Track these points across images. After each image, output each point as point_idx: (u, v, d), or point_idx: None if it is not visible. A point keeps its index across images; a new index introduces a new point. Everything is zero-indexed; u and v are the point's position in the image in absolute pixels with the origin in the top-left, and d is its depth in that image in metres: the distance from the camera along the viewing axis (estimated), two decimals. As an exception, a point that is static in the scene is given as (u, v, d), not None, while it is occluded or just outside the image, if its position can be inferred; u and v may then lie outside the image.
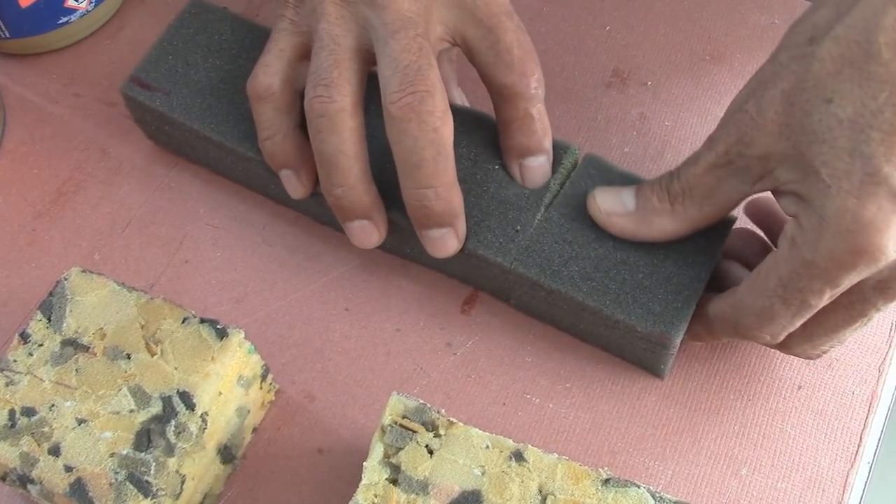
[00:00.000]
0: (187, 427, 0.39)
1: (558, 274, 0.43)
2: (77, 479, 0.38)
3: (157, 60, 0.49)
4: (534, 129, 0.43)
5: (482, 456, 0.37)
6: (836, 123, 0.34)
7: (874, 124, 0.33)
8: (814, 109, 0.35)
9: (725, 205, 0.40)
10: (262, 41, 0.49)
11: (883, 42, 0.33)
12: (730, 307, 0.40)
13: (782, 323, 0.38)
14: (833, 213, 0.34)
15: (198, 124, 0.47)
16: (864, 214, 0.34)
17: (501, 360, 0.46)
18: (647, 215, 0.41)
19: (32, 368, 0.40)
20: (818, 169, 0.35)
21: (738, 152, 0.38)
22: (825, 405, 0.44)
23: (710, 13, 0.54)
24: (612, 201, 0.42)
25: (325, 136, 0.41)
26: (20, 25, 0.53)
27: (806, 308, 0.37)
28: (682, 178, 0.40)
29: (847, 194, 0.34)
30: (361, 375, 0.46)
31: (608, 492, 0.37)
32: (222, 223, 0.50)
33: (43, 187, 0.52)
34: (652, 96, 0.52)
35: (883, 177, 0.33)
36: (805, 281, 0.36)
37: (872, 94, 0.33)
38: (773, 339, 0.39)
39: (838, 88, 0.34)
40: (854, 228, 0.34)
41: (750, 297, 0.38)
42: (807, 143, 0.35)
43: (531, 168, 0.44)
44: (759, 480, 0.43)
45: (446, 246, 0.43)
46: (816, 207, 0.35)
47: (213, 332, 0.40)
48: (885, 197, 0.33)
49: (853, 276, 0.35)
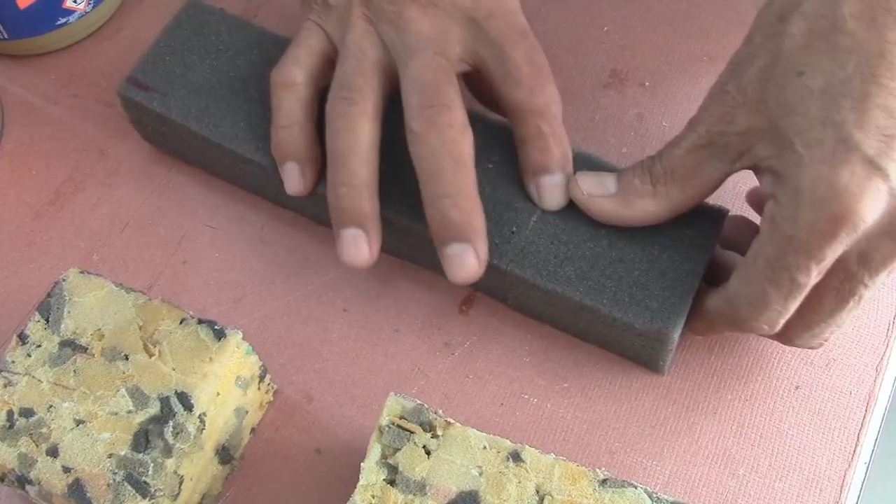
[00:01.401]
0: (185, 428, 0.39)
1: (554, 274, 0.43)
2: (75, 479, 0.38)
3: (155, 61, 0.49)
4: (547, 146, 0.43)
5: (480, 456, 0.37)
6: (808, 94, 0.35)
7: (844, 93, 0.34)
8: (787, 83, 0.36)
9: (707, 185, 0.40)
10: (260, 42, 0.49)
11: (847, 13, 0.34)
12: (724, 301, 0.40)
13: (777, 308, 0.38)
14: (808, 183, 0.35)
15: (195, 125, 0.47)
16: (838, 181, 0.34)
17: (499, 361, 0.46)
18: (628, 197, 0.42)
19: (31, 369, 0.40)
20: (792, 140, 0.35)
21: (719, 131, 0.38)
22: (822, 405, 0.44)
23: (708, 14, 0.55)
24: (594, 183, 0.43)
25: (341, 134, 0.42)
26: (19, 26, 0.53)
27: (796, 288, 0.37)
28: (664, 160, 0.41)
29: (820, 162, 0.34)
30: (359, 376, 0.46)
31: (605, 492, 0.37)
32: (220, 224, 0.50)
33: (41, 188, 0.52)
34: (650, 97, 0.52)
35: (854, 143, 0.34)
36: (791, 258, 0.36)
37: (841, 64, 0.34)
38: (770, 327, 0.39)
39: (809, 61, 0.35)
40: (829, 195, 0.34)
41: (741, 286, 0.39)
42: (781, 116, 0.36)
43: (547, 187, 0.43)
44: (757, 480, 0.43)
45: (465, 266, 0.41)
46: (792, 181, 0.36)
47: (211, 332, 0.40)
48: (858, 163, 0.34)
49: (835, 245, 0.35)
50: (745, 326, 0.40)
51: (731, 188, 0.49)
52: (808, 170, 0.35)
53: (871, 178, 0.34)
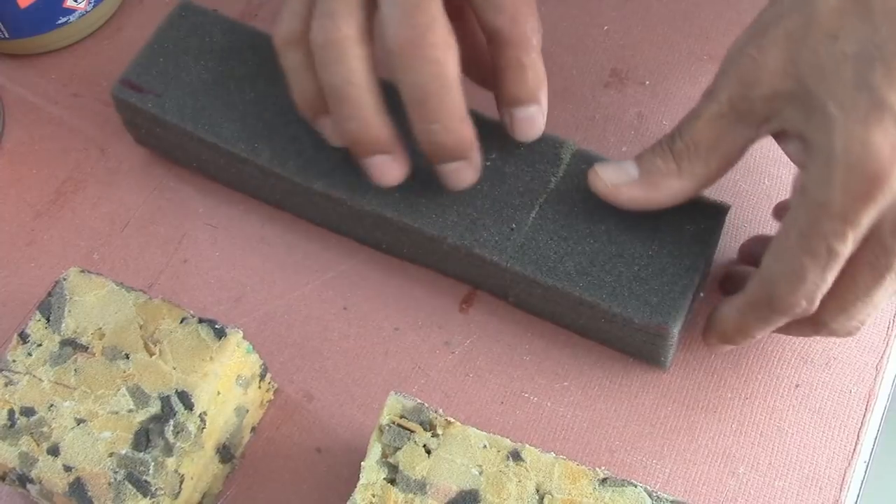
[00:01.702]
0: (186, 427, 0.39)
1: (555, 270, 0.43)
2: (76, 478, 0.38)
3: (148, 63, 0.48)
4: (524, 78, 0.42)
5: (480, 455, 0.38)
6: (843, 58, 0.35)
7: (878, 57, 0.34)
8: (820, 46, 0.35)
9: (731, 154, 0.40)
10: (254, 43, 0.48)
11: None
12: (758, 284, 0.39)
13: (814, 280, 0.37)
14: (841, 146, 0.34)
15: (191, 126, 0.47)
16: (872, 141, 0.34)
17: (499, 359, 0.46)
18: (653, 179, 0.41)
19: (31, 368, 0.40)
20: (825, 103, 0.35)
21: (741, 96, 0.38)
22: (823, 403, 0.44)
23: (708, 13, 0.55)
24: (615, 172, 0.42)
25: (331, 66, 0.40)
26: (19, 26, 0.53)
27: (833, 257, 0.36)
28: (684, 135, 0.40)
29: (854, 123, 0.34)
30: (360, 374, 0.46)
31: (605, 491, 0.37)
32: (221, 223, 0.50)
33: (42, 187, 0.52)
34: (650, 96, 0.52)
35: (888, 105, 0.34)
36: (826, 224, 0.35)
37: (875, 28, 0.34)
38: (809, 303, 0.38)
39: (843, 25, 0.35)
40: (864, 156, 0.34)
41: (776, 262, 0.38)
42: (814, 80, 0.36)
43: (520, 119, 0.43)
44: (757, 479, 0.43)
45: (461, 178, 0.42)
46: (824, 144, 0.35)
47: (211, 331, 0.40)
48: (892, 123, 0.34)
49: (871, 209, 0.35)
50: (782, 306, 0.38)
51: (731, 187, 0.49)
52: (841, 132, 0.34)
53: None
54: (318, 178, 0.45)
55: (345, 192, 0.45)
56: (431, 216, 0.44)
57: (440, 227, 0.44)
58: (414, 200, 0.45)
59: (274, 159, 0.46)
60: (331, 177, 0.45)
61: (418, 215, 0.44)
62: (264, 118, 0.47)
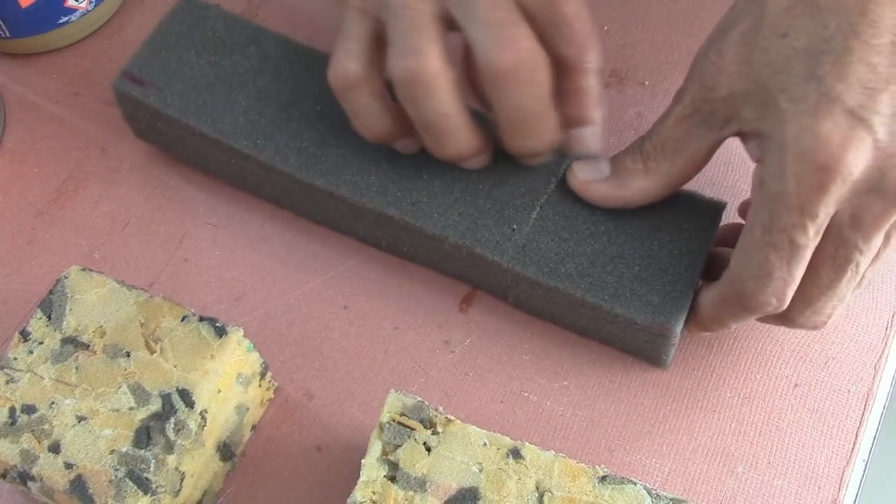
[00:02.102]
0: (187, 424, 0.39)
1: (556, 271, 0.43)
2: (77, 476, 0.38)
3: (150, 56, 0.48)
4: (585, 102, 0.43)
5: (480, 453, 0.38)
6: (793, 53, 0.36)
7: (826, 50, 0.35)
8: (771, 45, 0.37)
9: (697, 154, 0.41)
10: (256, 38, 0.48)
11: None
12: (729, 282, 0.40)
13: (780, 276, 0.38)
14: (792, 137, 0.35)
15: (193, 120, 0.47)
16: (822, 131, 0.35)
17: (499, 359, 0.46)
18: (622, 177, 0.43)
19: (33, 366, 0.40)
20: (776, 96, 0.36)
21: (703, 98, 0.39)
22: (821, 403, 0.44)
23: (708, 13, 0.55)
24: (589, 169, 0.44)
25: (423, 103, 0.41)
26: (20, 25, 0.53)
27: (796, 249, 0.37)
28: (653, 136, 0.41)
29: (803, 114, 0.35)
30: (360, 373, 0.46)
31: (605, 489, 0.37)
32: (221, 222, 0.50)
33: (43, 186, 0.52)
34: (650, 96, 0.52)
35: (836, 94, 0.35)
36: (785, 217, 0.36)
37: (823, 24, 0.35)
38: (778, 300, 0.38)
39: (792, 23, 0.36)
40: (813, 146, 0.35)
41: (742, 259, 0.39)
42: (766, 76, 0.37)
43: (577, 138, 0.44)
44: (756, 478, 0.43)
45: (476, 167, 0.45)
46: (777, 139, 0.36)
47: (212, 330, 0.41)
48: (840, 113, 0.35)
49: (826, 199, 0.35)
50: (752, 304, 0.39)
51: (731, 187, 0.49)
52: (792, 123, 0.35)
53: (853, 128, 0.35)
54: (320, 174, 0.46)
55: (347, 189, 0.45)
56: (433, 215, 0.44)
57: (441, 227, 0.44)
58: (416, 199, 0.45)
59: (276, 155, 0.46)
60: (333, 174, 0.45)
61: (420, 214, 0.44)
62: (266, 114, 0.47)
